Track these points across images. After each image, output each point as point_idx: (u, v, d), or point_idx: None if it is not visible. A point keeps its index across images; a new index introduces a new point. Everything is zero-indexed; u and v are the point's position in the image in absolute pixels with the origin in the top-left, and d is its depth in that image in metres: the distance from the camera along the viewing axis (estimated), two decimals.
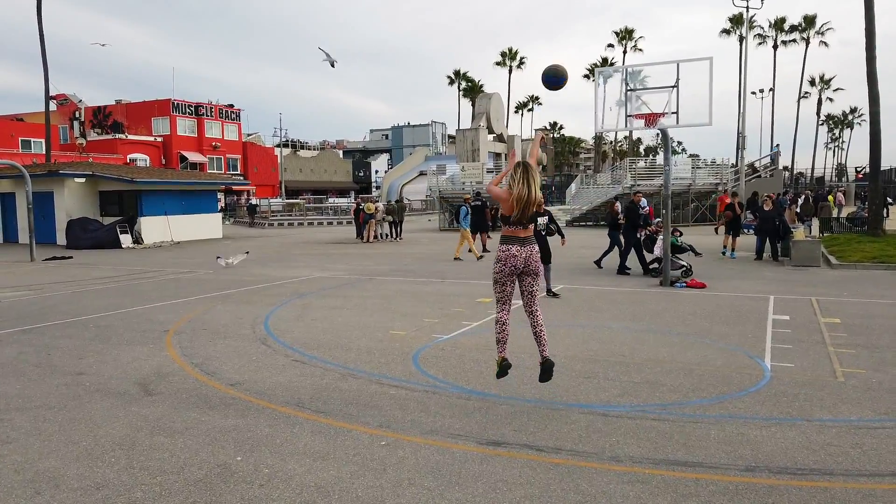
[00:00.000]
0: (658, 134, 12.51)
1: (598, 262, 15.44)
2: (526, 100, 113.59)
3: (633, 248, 14.64)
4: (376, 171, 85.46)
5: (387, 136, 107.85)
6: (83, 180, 26.50)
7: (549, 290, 11.39)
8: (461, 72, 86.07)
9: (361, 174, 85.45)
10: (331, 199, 59.61)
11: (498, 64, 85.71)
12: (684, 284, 12.68)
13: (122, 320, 9.66)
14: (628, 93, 11.03)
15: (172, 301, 11.47)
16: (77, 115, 57.47)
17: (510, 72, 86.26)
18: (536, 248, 5.31)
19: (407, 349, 7.59)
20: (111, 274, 16.10)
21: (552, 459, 4.38)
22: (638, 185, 37.01)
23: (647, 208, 18.09)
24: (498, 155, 45.20)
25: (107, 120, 60.08)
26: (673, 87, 10.82)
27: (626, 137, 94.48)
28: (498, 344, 5.43)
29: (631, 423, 5.08)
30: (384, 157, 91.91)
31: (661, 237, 13.50)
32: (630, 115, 11.09)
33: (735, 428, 4.93)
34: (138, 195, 26.39)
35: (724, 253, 17.94)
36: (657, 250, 13.97)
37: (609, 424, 5.04)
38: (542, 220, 11.05)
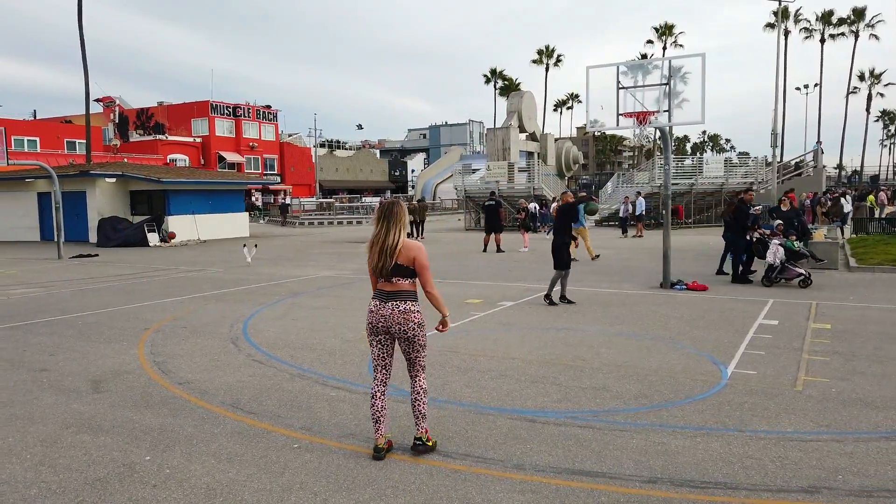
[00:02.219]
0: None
1: (720, 271, 14.10)
2: (565, 98, 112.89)
3: (730, 251, 13.22)
4: (412, 171, 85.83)
5: (424, 136, 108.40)
6: (114, 180, 27.32)
7: (562, 297, 10.91)
8: (497, 70, 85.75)
9: (398, 173, 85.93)
10: (364, 199, 60.11)
11: (535, 62, 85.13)
12: (684, 287, 12.36)
13: (111, 318, 9.91)
14: (620, 91, 10.79)
15: (168, 299, 11.72)
16: (113, 118, 59.21)
17: (547, 70, 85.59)
18: (404, 306, 4.38)
19: (368, 350, 7.58)
20: (126, 272, 16.55)
21: (453, 466, 4.32)
22: (675, 184, 36.33)
23: (759, 208, 16.17)
24: (530, 154, 44.77)
25: (149, 121, 61.82)
26: (664, 84, 10.54)
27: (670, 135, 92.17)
28: (373, 423, 4.49)
29: (555, 429, 4.97)
30: (421, 157, 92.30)
31: (777, 241, 12.29)
32: (621, 114, 10.85)
33: (659, 437, 4.78)
34: (166, 195, 27.08)
35: None
36: (770, 256, 12.28)
37: (531, 431, 4.95)
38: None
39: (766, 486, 3.97)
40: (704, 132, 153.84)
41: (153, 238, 25.77)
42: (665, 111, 10.67)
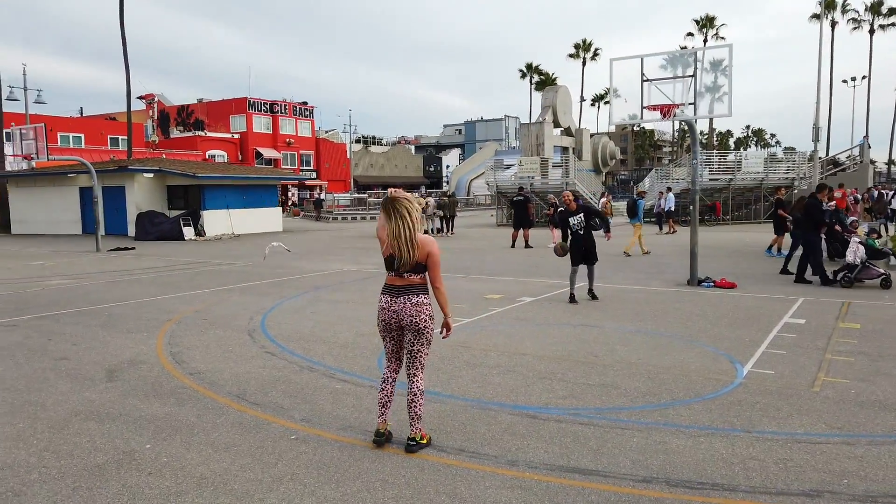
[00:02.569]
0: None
1: (784, 270, 13.33)
2: (603, 92, 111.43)
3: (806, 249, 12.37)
4: (447, 166, 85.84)
5: (460, 131, 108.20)
6: (151, 175, 27.95)
7: (589, 291, 10.75)
8: (533, 65, 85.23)
9: (432, 169, 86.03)
10: (416, 192, 60.21)
11: (571, 56, 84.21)
12: (711, 284, 12.08)
13: (136, 309, 10.13)
14: (644, 83, 10.57)
15: (194, 291, 11.94)
16: (151, 115, 60.56)
17: (584, 64, 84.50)
18: (416, 299, 4.39)
19: (380, 344, 7.59)
20: (159, 265, 16.92)
21: (446, 461, 4.28)
22: (715, 179, 35.50)
23: (833, 204, 15.07)
24: (565, 149, 44.28)
25: (189, 118, 63.13)
26: (691, 76, 10.29)
27: (711, 129, 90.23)
28: (378, 407, 4.59)
29: (556, 426, 4.90)
30: (456, 152, 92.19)
31: (857, 239, 11.67)
32: (645, 107, 10.62)
33: (661, 436, 4.67)
34: (201, 190, 27.61)
35: (769, 253, 16.97)
36: (850, 255, 11.55)
37: (531, 427, 4.88)
38: (575, 220, 10.51)
39: (765, 489, 3.84)
40: (748, 126, 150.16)
41: (188, 232, 26.29)
42: (690, 104, 10.42)
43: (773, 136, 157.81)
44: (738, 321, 8.80)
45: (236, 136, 59.52)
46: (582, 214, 10.62)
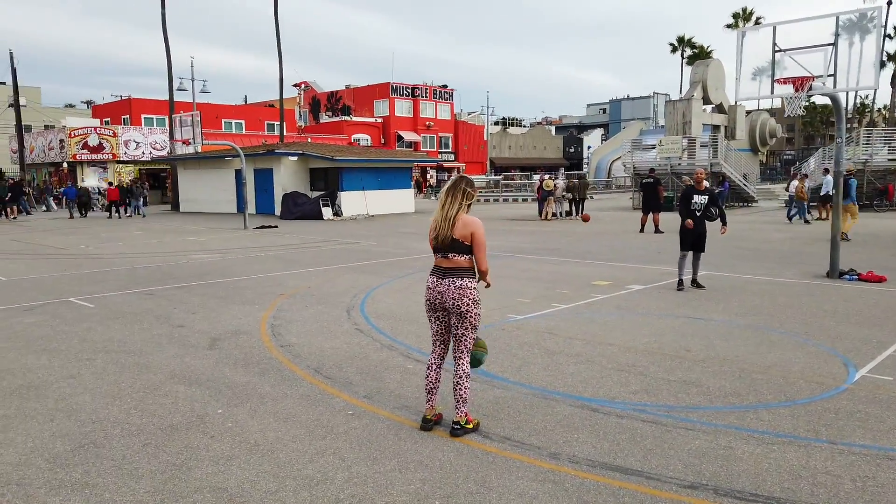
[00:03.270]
0: None
1: None
2: (766, 65, 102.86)
3: None
4: (588, 147, 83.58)
5: (604, 111, 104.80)
6: (295, 159, 29.77)
7: (693, 281, 10.24)
8: (685, 38, 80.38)
9: (572, 150, 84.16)
10: (535, 176, 59.65)
11: (729, 27, 78.39)
12: (855, 277, 10.86)
13: (258, 283, 10.90)
14: (776, 54, 9.59)
15: (314, 268, 12.62)
16: (299, 101, 64.21)
17: (743, 35, 78.39)
18: (461, 282, 4.40)
19: None
20: (293, 242, 18.05)
21: (488, 447, 4.23)
22: (894, 159, 31.66)
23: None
24: (716, 127, 41.45)
25: (338, 104, 66.39)
26: (830, 44, 9.18)
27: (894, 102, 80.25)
28: (425, 393, 4.68)
29: (615, 421, 4.67)
30: (598, 133, 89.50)
31: None
32: (777, 80, 9.64)
33: (728, 441, 4.30)
34: (339, 172, 29.01)
35: None
36: None
37: (587, 420, 4.68)
38: (698, 199, 9.96)
39: None
40: None
41: (327, 212, 27.77)
42: (831, 75, 9.31)
43: None
44: (872, 319, 7.85)
45: (379, 120, 61.75)
46: (707, 197, 9.97)
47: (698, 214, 9.86)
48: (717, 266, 12.30)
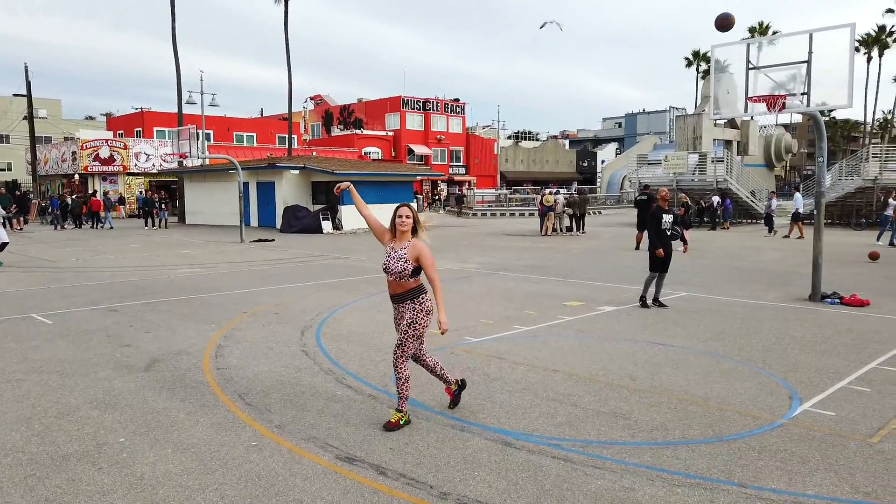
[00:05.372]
0: None
1: None
2: (784, 79, 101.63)
3: None
4: (602, 161, 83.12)
5: (619, 124, 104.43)
6: (297, 172, 29.86)
7: (655, 300, 10.17)
8: (700, 52, 79.89)
9: (586, 164, 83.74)
10: (547, 190, 59.37)
11: (744, 41, 77.84)
12: (838, 301, 10.53)
13: (229, 300, 10.80)
14: (749, 71, 9.36)
15: (291, 285, 12.51)
16: (305, 116, 64.65)
17: (759, 49, 77.68)
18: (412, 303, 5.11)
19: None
20: (283, 257, 18.00)
21: (379, 485, 4.04)
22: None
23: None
24: (728, 142, 40.94)
25: (350, 117, 66.72)
26: (803, 62, 8.93)
27: None
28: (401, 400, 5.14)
29: (523, 457, 4.46)
30: (612, 147, 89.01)
31: None
32: (749, 98, 9.41)
33: (632, 482, 4.08)
34: None
35: None
36: None
37: (495, 456, 4.48)
38: (667, 218, 9.98)
39: None
40: None
41: (326, 226, 27.78)
42: (803, 94, 9.06)
43: None
44: (838, 347, 7.56)
45: (390, 133, 61.93)
46: (672, 216, 9.94)
47: (669, 233, 9.78)
48: (703, 286, 12.05)
